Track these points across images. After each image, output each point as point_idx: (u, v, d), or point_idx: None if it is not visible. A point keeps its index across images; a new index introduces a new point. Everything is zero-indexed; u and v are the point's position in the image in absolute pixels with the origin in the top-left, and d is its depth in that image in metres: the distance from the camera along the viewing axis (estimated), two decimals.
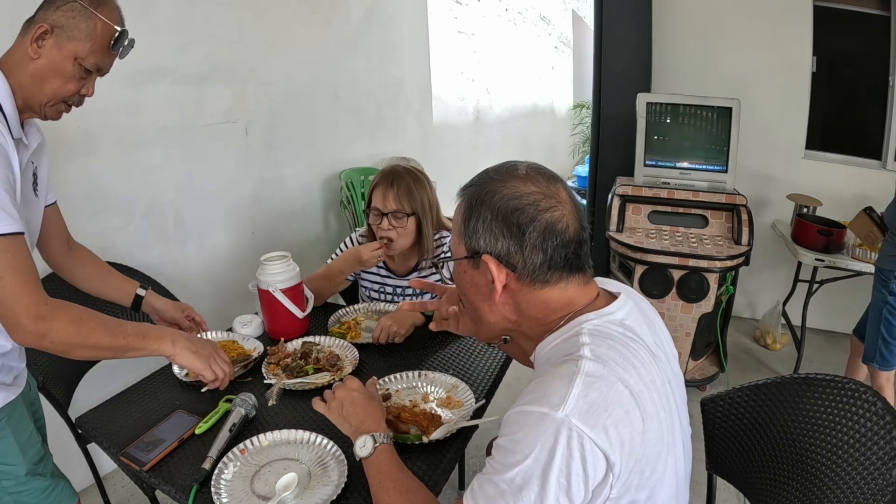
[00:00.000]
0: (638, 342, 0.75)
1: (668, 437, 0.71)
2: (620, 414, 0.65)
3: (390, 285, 1.72)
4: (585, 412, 0.64)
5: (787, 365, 2.83)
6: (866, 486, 0.82)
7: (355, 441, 0.93)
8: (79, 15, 0.98)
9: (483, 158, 5.29)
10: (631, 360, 0.71)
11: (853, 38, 2.96)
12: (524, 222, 0.74)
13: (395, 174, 1.58)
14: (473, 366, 1.37)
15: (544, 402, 0.65)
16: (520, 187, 0.76)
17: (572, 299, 0.79)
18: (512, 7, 5.98)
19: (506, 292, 0.79)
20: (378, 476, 0.89)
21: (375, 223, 1.59)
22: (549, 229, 0.75)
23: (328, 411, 1.02)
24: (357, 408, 0.99)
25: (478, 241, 0.77)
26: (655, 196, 2.52)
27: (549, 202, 0.76)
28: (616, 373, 0.68)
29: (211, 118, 2.25)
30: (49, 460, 1.18)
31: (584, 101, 6.91)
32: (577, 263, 0.78)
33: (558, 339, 0.76)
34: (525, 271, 0.76)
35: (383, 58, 3.39)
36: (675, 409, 0.75)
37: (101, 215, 1.89)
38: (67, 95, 1.03)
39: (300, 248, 2.81)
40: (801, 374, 1.00)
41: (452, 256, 0.84)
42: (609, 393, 0.66)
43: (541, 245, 0.75)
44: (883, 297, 2.03)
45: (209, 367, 1.10)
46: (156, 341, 1.05)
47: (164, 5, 1.99)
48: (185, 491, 0.95)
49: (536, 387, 0.70)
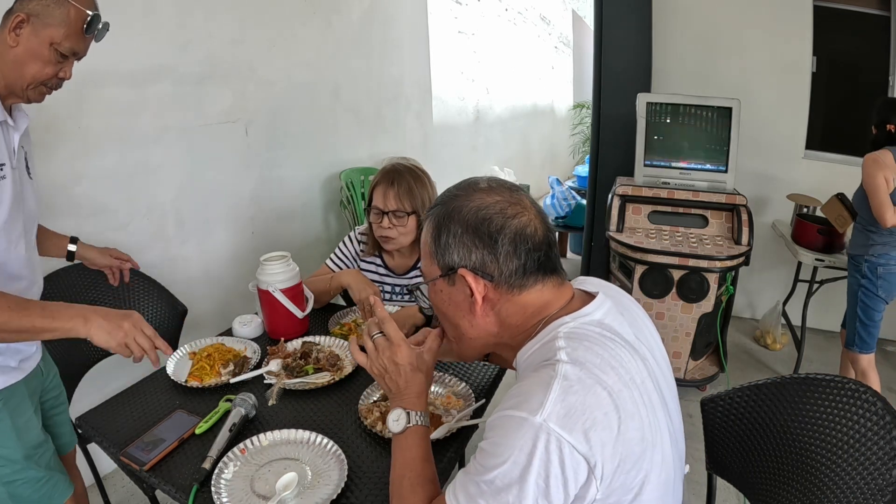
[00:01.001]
0: (617, 341, 0.75)
1: (651, 436, 0.71)
2: (599, 416, 0.66)
3: (389, 283, 1.72)
4: (563, 416, 0.65)
5: (787, 365, 2.84)
6: (866, 486, 0.82)
7: (390, 412, 0.90)
8: (52, 3, 1.04)
9: (483, 158, 5.29)
10: (608, 360, 0.71)
11: (853, 38, 2.96)
12: (494, 230, 0.76)
13: (395, 173, 1.59)
14: (473, 366, 1.37)
15: (523, 407, 0.66)
16: (484, 199, 0.78)
17: (549, 301, 0.80)
18: (512, 7, 5.98)
19: (486, 304, 0.79)
20: (402, 461, 0.86)
21: (376, 222, 1.60)
22: (520, 234, 0.76)
23: (370, 370, 0.95)
24: (400, 381, 0.91)
25: (451, 257, 0.78)
26: (655, 196, 2.52)
27: (514, 209, 0.77)
28: (593, 375, 0.68)
29: (211, 118, 2.25)
30: (48, 449, 1.19)
31: (584, 101, 6.91)
32: (549, 265, 0.79)
33: (536, 346, 0.77)
34: (502, 279, 0.77)
35: (383, 58, 3.39)
36: (659, 407, 0.75)
37: (101, 215, 1.89)
38: (46, 79, 1.09)
39: (300, 248, 2.81)
40: (801, 374, 1.00)
41: (426, 279, 0.84)
42: (587, 396, 0.66)
43: (514, 251, 0.76)
44: (857, 282, 2.18)
45: (125, 345, 1.01)
46: (68, 321, 0.98)
47: (164, 5, 1.99)
48: (185, 491, 0.95)
49: (517, 392, 0.70)
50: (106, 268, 1.51)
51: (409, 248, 1.65)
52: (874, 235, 2.11)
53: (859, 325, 2.19)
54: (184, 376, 1.28)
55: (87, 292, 1.70)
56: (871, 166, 2.03)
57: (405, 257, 1.69)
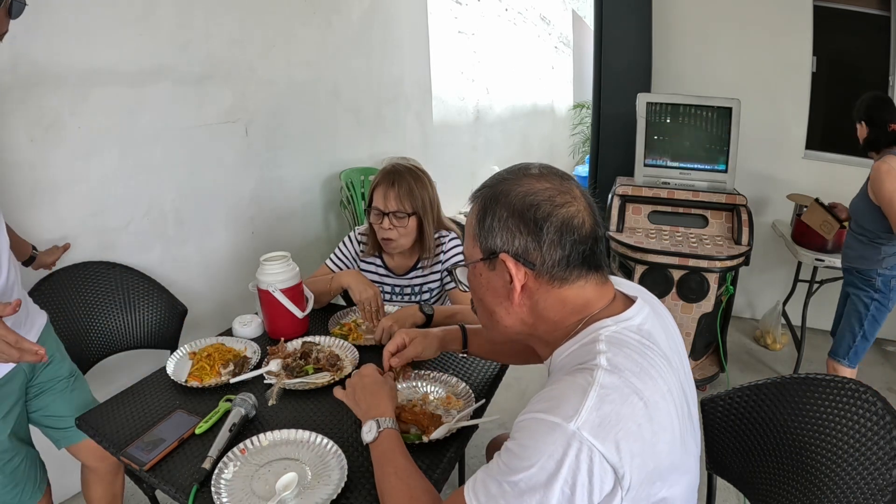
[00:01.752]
0: (655, 349, 0.73)
1: (680, 449, 0.70)
2: (633, 427, 0.65)
3: (388, 284, 1.72)
4: (597, 425, 0.63)
5: (787, 365, 2.83)
6: (866, 486, 0.82)
7: (363, 427, 0.95)
8: None
9: (483, 158, 5.29)
10: (647, 369, 0.69)
11: (853, 38, 2.96)
12: (540, 217, 0.73)
13: (395, 173, 1.58)
14: (473, 366, 1.37)
15: (557, 412, 0.65)
16: (534, 184, 0.76)
17: (590, 300, 0.77)
18: (512, 7, 5.98)
19: (524, 293, 0.77)
20: (380, 461, 0.90)
21: (376, 223, 1.59)
22: (566, 224, 0.74)
23: (345, 397, 1.05)
24: (366, 393, 1.01)
25: (494, 241, 0.76)
26: (655, 196, 2.52)
27: (563, 198, 0.75)
28: (631, 384, 0.67)
29: (211, 118, 2.26)
30: (16, 456, 1.23)
31: (584, 101, 6.92)
32: (593, 260, 0.77)
33: (575, 346, 0.75)
34: (544, 268, 0.75)
35: (383, 58, 3.39)
36: (688, 418, 0.74)
37: (101, 215, 1.89)
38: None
39: (300, 248, 2.81)
40: (801, 374, 1.00)
41: (467, 261, 0.82)
42: (622, 406, 0.65)
43: (558, 241, 0.73)
44: (867, 296, 2.05)
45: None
46: None
47: (164, 5, 1.99)
48: (185, 491, 0.95)
49: (550, 394, 0.69)
50: (52, 264, 1.66)
51: (409, 248, 1.65)
52: (885, 248, 1.97)
53: (860, 339, 2.09)
54: (184, 376, 1.28)
55: (82, 293, 1.71)
56: (888, 178, 1.85)
57: (405, 258, 1.69)
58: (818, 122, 3.03)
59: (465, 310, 1.55)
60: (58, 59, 1.70)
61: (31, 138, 1.67)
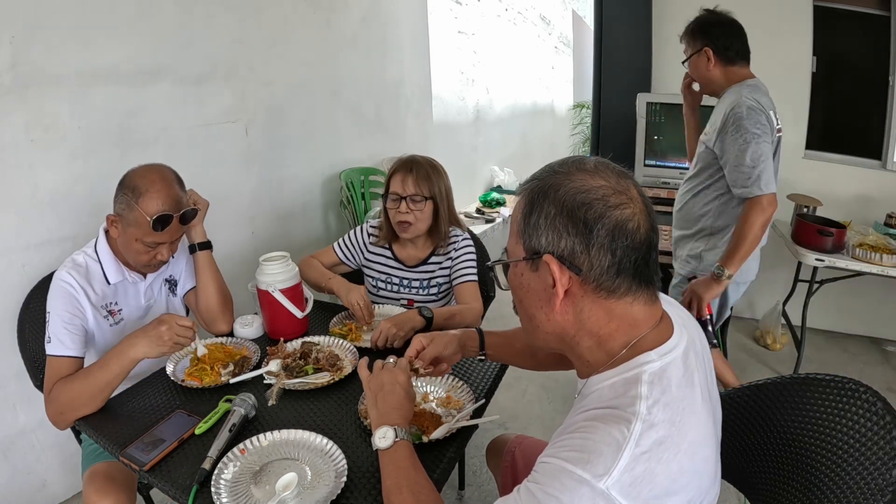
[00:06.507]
0: (695, 383, 0.70)
1: (709, 483, 0.68)
2: (664, 484, 0.62)
3: (397, 276, 1.72)
4: (629, 485, 0.60)
5: (787, 365, 2.83)
6: (866, 486, 0.82)
7: (376, 430, 0.90)
8: (127, 207, 1.29)
9: (483, 158, 5.29)
10: (687, 416, 0.66)
11: (853, 38, 2.96)
12: (592, 219, 0.67)
13: (413, 161, 1.64)
14: (473, 366, 1.37)
15: (587, 468, 0.61)
16: (587, 181, 0.69)
17: (637, 321, 0.72)
18: (512, 7, 5.97)
19: (567, 299, 0.71)
20: (395, 471, 0.86)
21: (394, 207, 1.62)
22: (620, 228, 0.68)
23: (367, 385, 0.98)
24: (391, 399, 0.94)
25: (539, 240, 0.70)
26: (655, 196, 2.52)
27: (619, 198, 0.69)
28: (668, 439, 0.63)
29: (211, 118, 2.25)
30: None
31: (584, 101, 6.91)
32: (646, 273, 0.71)
33: (615, 377, 0.70)
34: (591, 275, 0.69)
35: (383, 58, 3.39)
36: (716, 460, 0.70)
37: (101, 215, 1.88)
38: (146, 263, 1.33)
39: (300, 248, 2.81)
40: (801, 374, 0.99)
41: (509, 258, 0.77)
42: (657, 464, 0.62)
43: (609, 245, 0.67)
44: None
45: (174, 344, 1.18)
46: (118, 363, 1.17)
47: (164, 5, 1.99)
48: (185, 491, 0.95)
49: (584, 443, 0.64)
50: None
51: (423, 239, 1.66)
52: None
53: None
54: (183, 376, 1.28)
55: None
56: None
57: (418, 249, 1.70)
58: (818, 123, 3.03)
59: (464, 310, 1.55)
60: (58, 59, 1.70)
61: (31, 138, 1.67)
